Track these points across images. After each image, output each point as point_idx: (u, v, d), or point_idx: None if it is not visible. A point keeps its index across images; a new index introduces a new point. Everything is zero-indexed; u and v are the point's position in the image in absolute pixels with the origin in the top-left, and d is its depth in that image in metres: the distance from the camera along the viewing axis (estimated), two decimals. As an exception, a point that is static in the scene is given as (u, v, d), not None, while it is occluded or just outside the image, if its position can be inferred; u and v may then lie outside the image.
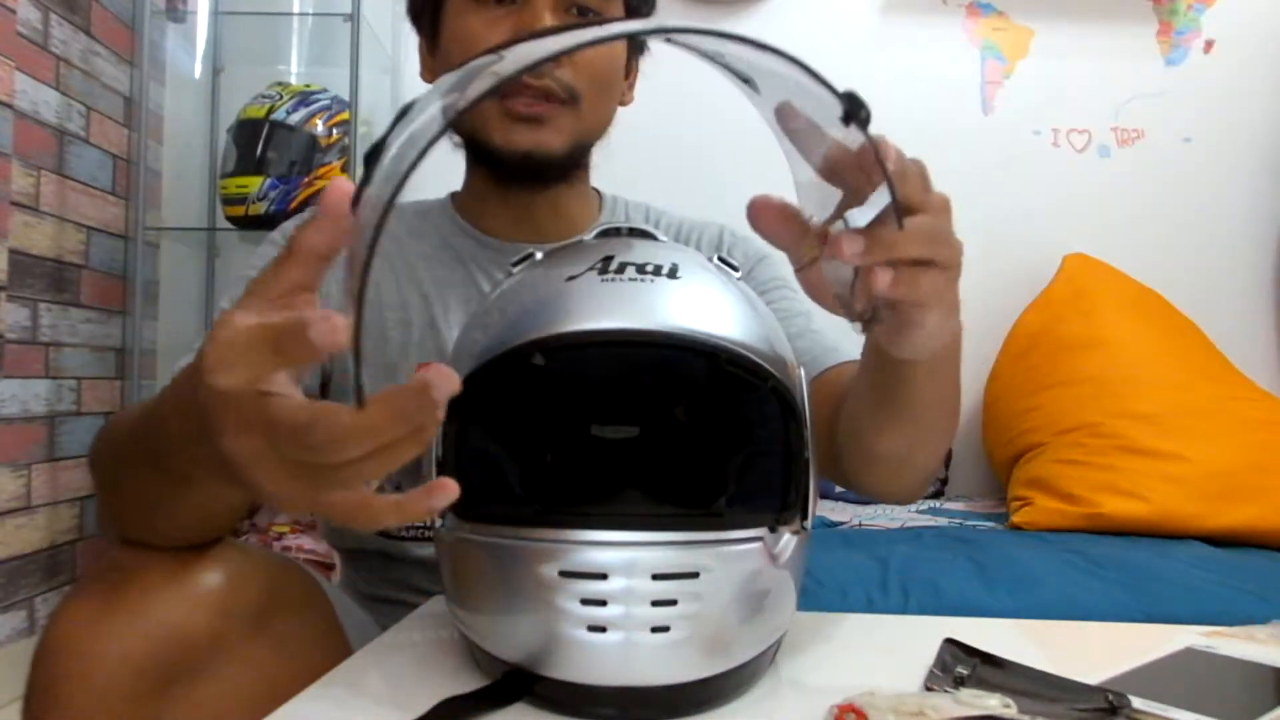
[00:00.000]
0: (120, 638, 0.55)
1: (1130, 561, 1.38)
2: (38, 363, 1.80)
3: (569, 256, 0.55)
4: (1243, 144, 2.22)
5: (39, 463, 1.80)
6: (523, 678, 0.50)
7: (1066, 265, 2.03)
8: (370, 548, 0.86)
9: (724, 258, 0.58)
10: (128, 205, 2.07)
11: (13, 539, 1.73)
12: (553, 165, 0.82)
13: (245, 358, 0.38)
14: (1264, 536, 1.63)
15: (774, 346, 0.53)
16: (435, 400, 0.35)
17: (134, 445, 0.56)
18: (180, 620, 0.56)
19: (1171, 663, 0.60)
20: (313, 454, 0.37)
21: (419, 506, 0.39)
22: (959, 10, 2.25)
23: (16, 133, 1.71)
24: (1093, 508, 1.65)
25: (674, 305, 0.51)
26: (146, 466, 0.54)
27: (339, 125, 1.97)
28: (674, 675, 0.49)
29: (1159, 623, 0.77)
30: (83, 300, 1.94)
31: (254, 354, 0.38)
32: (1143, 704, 0.49)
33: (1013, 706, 0.39)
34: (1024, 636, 0.78)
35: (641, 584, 0.47)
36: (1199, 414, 1.74)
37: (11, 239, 1.70)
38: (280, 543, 1.79)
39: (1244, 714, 0.50)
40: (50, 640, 0.55)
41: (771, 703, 0.52)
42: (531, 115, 0.79)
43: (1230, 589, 1.28)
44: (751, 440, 0.56)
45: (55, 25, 1.84)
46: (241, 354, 0.38)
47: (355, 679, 0.56)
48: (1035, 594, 1.24)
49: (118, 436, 0.62)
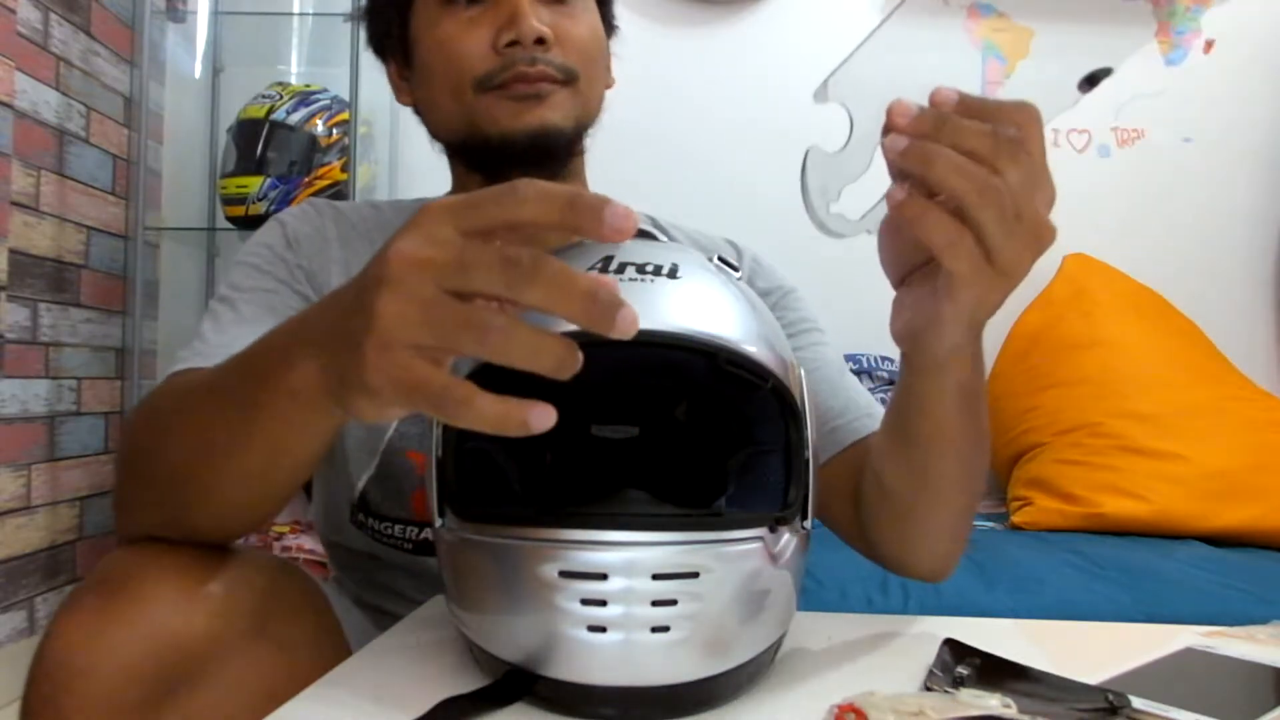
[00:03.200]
0: (120, 649, 0.54)
1: (1130, 561, 1.39)
2: (38, 363, 1.80)
3: (569, 257, 0.55)
4: (1243, 144, 2.22)
5: (39, 463, 1.80)
6: (523, 678, 0.50)
7: (1066, 265, 2.03)
8: (358, 548, 0.85)
9: (724, 258, 0.58)
10: (128, 205, 2.07)
11: (13, 539, 1.73)
12: (561, 143, 0.82)
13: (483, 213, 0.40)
14: (1264, 536, 1.63)
15: (774, 346, 0.53)
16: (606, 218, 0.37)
17: (202, 391, 0.57)
18: (180, 629, 0.56)
19: (1171, 663, 0.60)
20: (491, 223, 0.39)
21: (520, 415, 0.39)
22: (959, 11, 2.25)
23: (16, 133, 1.71)
24: (1093, 508, 1.65)
25: (674, 305, 0.51)
26: (215, 407, 0.55)
27: (339, 125, 1.97)
28: (674, 675, 0.49)
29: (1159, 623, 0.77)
30: (83, 300, 1.94)
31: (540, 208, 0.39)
32: (1143, 704, 0.49)
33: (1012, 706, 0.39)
34: (1024, 636, 0.78)
35: (641, 584, 0.47)
36: (1199, 414, 1.74)
37: (11, 239, 1.70)
38: (280, 543, 1.79)
39: (1244, 714, 0.50)
40: (48, 652, 0.55)
41: (771, 703, 0.52)
42: (533, 91, 0.79)
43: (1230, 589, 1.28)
44: (751, 440, 0.55)
45: (55, 25, 1.84)
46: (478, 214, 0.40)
47: (355, 679, 0.55)
48: (1035, 594, 1.24)
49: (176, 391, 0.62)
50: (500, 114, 0.79)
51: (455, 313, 0.39)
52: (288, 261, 0.82)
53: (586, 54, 0.82)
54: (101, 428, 2.01)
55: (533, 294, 0.38)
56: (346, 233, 0.86)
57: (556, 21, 0.80)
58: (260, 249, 0.82)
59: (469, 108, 0.80)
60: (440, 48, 0.81)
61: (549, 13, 0.80)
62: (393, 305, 0.40)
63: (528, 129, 0.79)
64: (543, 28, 0.78)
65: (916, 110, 0.47)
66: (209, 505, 0.59)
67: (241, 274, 0.80)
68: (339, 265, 0.83)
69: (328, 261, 0.83)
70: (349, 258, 0.84)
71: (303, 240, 0.84)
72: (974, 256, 0.48)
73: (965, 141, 0.47)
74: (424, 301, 0.39)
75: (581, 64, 0.81)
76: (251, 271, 0.81)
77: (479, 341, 0.38)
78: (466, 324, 0.38)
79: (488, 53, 0.79)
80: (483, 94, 0.79)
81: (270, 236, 0.84)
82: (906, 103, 0.48)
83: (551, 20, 0.80)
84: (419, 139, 0.89)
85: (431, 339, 0.39)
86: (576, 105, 0.82)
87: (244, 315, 0.76)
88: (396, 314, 0.40)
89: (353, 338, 0.41)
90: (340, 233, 0.86)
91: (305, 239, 0.84)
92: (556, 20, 0.80)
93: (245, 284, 0.79)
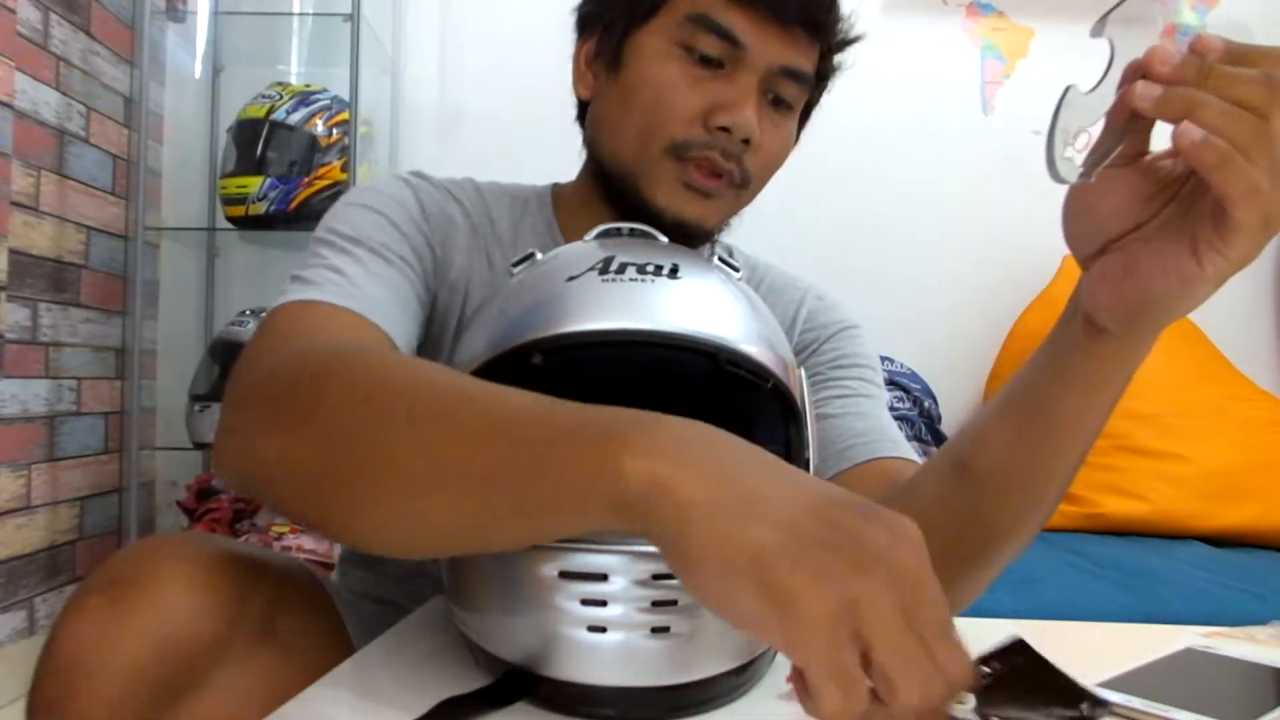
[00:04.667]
0: (127, 653, 0.54)
1: (1130, 561, 1.39)
2: (38, 363, 1.80)
3: (570, 257, 0.56)
4: (1243, 144, 2.22)
5: (39, 463, 1.80)
6: (523, 678, 0.50)
7: (1066, 265, 2.03)
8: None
9: (724, 258, 0.58)
10: (128, 205, 2.07)
11: (13, 539, 1.73)
12: (697, 238, 0.79)
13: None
14: (1264, 536, 1.63)
15: (774, 347, 0.53)
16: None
17: (442, 423, 0.45)
18: (188, 633, 0.55)
19: (1171, 663, 0.60)
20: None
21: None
22: (959, 10, 2.25)
23: (16, 133, 1.71)
24: (1093, 508, 1.65)
25: (674, 305, 0.51)
26: (463, 460, 0.43)
27: (339, 125, 1.97)
28: (674, 675, 0.49)
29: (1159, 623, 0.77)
30: (83, 300, 1.94)
31: None
32: (1143, 704, 0.49)
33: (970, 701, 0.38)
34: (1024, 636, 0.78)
35: (641, 585, 0.47)
36: (1199, 414, 1.74)
37: (11, 239, 1.70)
38: (280, 543, 1.79)
39: (1244, 714, 0.50)
40: (54, 654, 0.55)
41: (771, 703, 0.52)
42: (707, 190, 0.77)
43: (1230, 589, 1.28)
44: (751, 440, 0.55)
45: (55, 25, 1.84)
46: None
47: (356, 679, 0.56)
48: (1035, 594, 1.24)
49: (383, 368, 0.50)
50: (666, 189, 0.77)
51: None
52: (423, 232, 0.77)
53: (770, 168, 0.81)
54: (101, 428, 2.01)
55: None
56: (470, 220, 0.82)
57: (765, 127, 0.77)
58: (390, 203, 0.77)
59: (646, 160, 0.77)
60: (657, 89, 0.77)
61: (766, 116, 0.78)
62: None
63: (681, 217, 0.77)
64: (755, 130, 0.75)
65: (1179, 57, 0.44)
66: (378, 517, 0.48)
67: (369, 221, 0.74)
68: (462, 255, 0.80)
69: (452, 250, 0.80)
70: (470, 246, 0.81)
71: (433, 216, 0.79)
72: (1265, 207, 0.45)
73: (1235, 89, 0.44)
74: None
75: (759, 175, 0.80)
76: (385, 224, 0.74)
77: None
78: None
79: (696, 121, 0.76)
80: (667, 158, 0.76)
81: (401, 193, 0.79)
82: (1168, 48, 0.45)
83: (764, 125, 0.77)
84: (419, 139, 0.89)
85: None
86: (734, 210, 0.81)
87: (384, 277, 0.71)
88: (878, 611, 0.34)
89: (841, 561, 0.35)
90: (466, 221, 0.82)
91: (435, 216, 0.80)
92: (765, 125, 0.78)
93: (378, 237, 0.73)
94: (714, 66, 0.76)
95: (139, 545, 0.60)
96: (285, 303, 0.65)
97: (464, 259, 0.80)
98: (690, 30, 0.75)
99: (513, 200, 0.87)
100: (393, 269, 0.72)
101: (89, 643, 0.54)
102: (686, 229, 0.77)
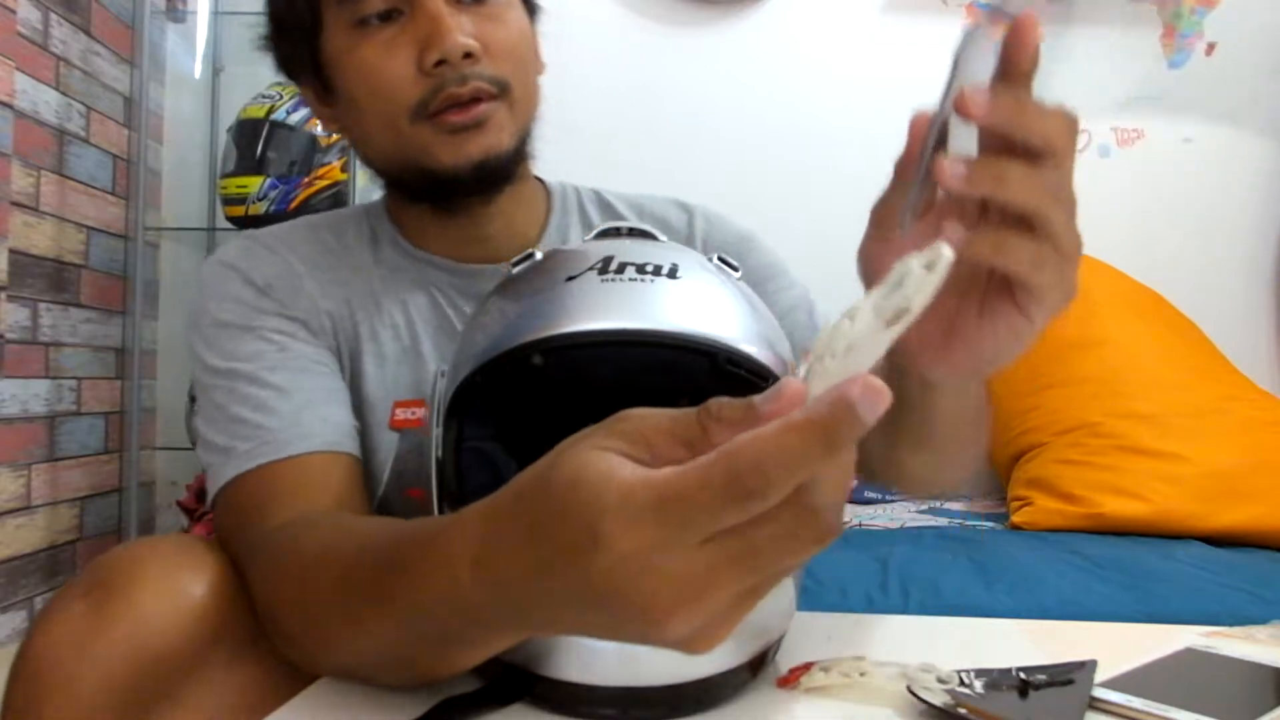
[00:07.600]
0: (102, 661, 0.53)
1: (1130, 561, 1.38)
2: (38, 363, 1.80)
3: (569, 257, 0.56)
4: (1243, 144, 2.22)
5: (39, 463, 1.80)
6: (523, 678, 0.50)
7: (1066, 265, 2.03)
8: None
9: (724, 257, 0.58)
10: (128, 205, 2.07)
11: (12, 539, 1.73)
12: (507, 163, 0.77)
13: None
14: (1264, 536, 1.63)
15: (774, 346, 0.53)
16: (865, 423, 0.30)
17: (369, 605, 0.49)
18: (166, 644, 0.55)
19: (1171, 663, 0.60)
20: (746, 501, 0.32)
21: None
22: (959, 10, 2.24)
23: (16, 133, 1.71)
24: (1093, 508, 1.65)
25: (674, 305, 0.51)
26: (387, 637, 0.49)
27: (339, 125, 1.97)
28: (674, 675, 0.49)
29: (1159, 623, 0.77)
30: (83, 300, 1.94)
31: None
32: (1143, 704, 0.49)
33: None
34: (1024, 636, 0.78)
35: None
36: (1199, 414, 1.74)
37: (11, 239, 1.70)
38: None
39: (1244, 714, 0.50)
40: (31, 658, 0.54)
41: (771, 703, 0.52)
42: (471, 121, 0.73)
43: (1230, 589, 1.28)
44: (751, 440, 0.55)
45: (55, 25, 1.84)
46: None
47: (355, 679, 0.55)
48: (1035, 594, 1.23)
49: (317, 576, 0.54)
50: (440, 149, 0.74)
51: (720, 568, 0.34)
52: (275, 307, 0.76)
53: (517, 58, 0.77)
54: (101, 428, 2.01)
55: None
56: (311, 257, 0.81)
57: (480, 28, 0.74)
58: (232, 309, 0.75)
59: (406, 140, 0.75)
60: (363, 76, 0.74)
61: (470, 19, 0.74)
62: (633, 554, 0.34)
63: (471, 161, 0.74)
64: (469, 41, 0.72)
65: (988, 97, 0.42)
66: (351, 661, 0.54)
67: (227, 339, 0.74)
68: (319, 296, 0.79)
69: (306, 297, 0.78)
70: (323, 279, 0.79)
71: (273, 284, 0.77)
72: (1054, 260, 0.43)
73: (1040, 125, 0.43)
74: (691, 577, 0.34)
75: (514, 71, 0.76)
76: (238, 334, 0.74)
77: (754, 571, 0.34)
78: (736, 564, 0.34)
79: (415, 76, 0.73)
80: (418, 124, 0.74)
81: (232, 289, 0.77)
82: (975, 90, 0.43)
83: (475, 28, 0.73)
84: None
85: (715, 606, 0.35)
86: (515, 118, 0.76)
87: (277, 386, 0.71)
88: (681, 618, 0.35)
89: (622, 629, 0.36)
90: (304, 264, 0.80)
91: (274, 281, 0.77)
92: (480, 27, 0.74)
93: (244, 350, 0.73)
94: (395, 18, 0.74)
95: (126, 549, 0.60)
96: (222, 486, 0.67)
97: (322, 298, 0.78)
98: (351, 6, 0.74)
99: (340, 220, 0.86)
100: (276, 373, 0.72)
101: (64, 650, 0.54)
102: (491, 167, 0.75)
